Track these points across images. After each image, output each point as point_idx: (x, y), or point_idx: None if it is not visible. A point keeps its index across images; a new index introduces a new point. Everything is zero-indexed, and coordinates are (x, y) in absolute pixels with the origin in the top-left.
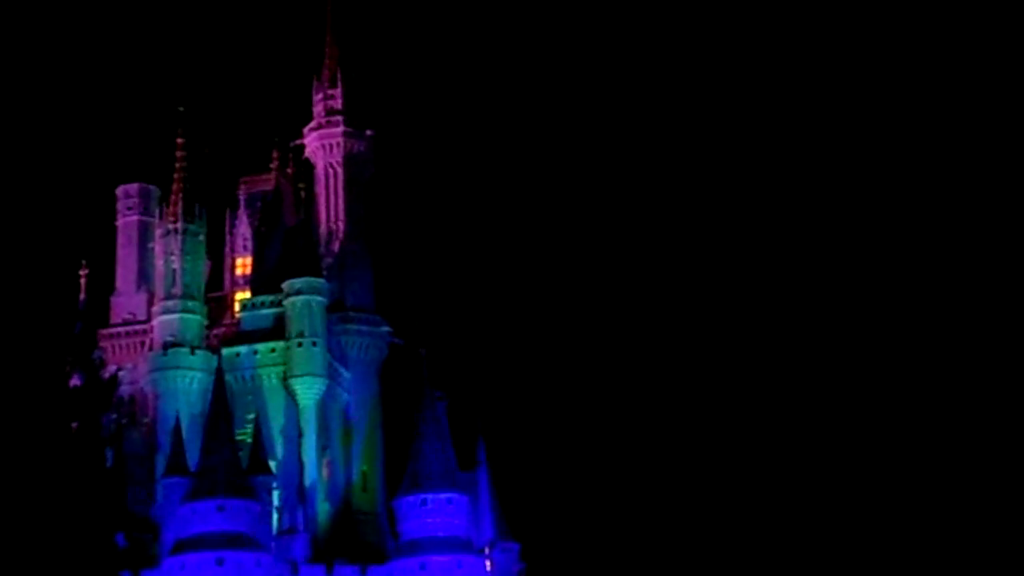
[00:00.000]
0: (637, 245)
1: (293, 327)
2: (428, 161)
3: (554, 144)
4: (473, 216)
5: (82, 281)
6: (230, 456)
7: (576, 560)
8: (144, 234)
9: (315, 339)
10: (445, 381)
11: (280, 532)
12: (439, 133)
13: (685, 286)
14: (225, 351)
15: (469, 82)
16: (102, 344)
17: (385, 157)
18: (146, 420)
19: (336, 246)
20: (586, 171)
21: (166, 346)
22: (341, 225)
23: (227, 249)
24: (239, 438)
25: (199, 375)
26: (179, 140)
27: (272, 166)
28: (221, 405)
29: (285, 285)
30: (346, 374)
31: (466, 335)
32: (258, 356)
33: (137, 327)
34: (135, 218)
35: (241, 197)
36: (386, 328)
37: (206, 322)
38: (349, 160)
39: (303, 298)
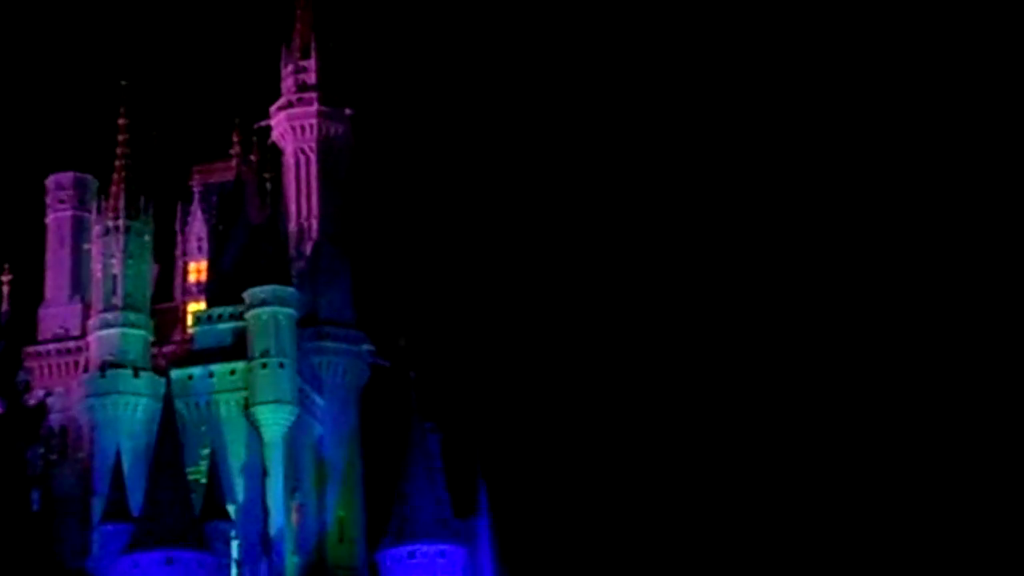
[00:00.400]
0: (640, 251)
1: (256, 345)
2: (418, 147)
3: (557, 128)
4: (471, 214)
5: (4, 289)
6: (180, 499)
7: None
8: (79, 233)
9: (283, 359)
10: (438, 410)
11: None
12: (431, 114)
13: (691, 300)
14: (175, 373)
15: (464, 55)
16: (28, 364)
17: (367, 142)
18: (80, 455)
19: (308, 248)
20: (587, 165)
21: (104, 367)
22: (314, 223)
23: (178, 251)
24: (191, 477)
25: (144, 402)
26: (121, 121)
27: (232, 152)
28: (170, 438)
29: (247, 294)
30: (320, 401)
31: (463, 355)
32: (214, 379)
33: (70, 344)
34: (68, 214)
35: (195, 189)
36: (368, 346)
37: (152, 338)
38: (324, 145)
39: (269, 310)
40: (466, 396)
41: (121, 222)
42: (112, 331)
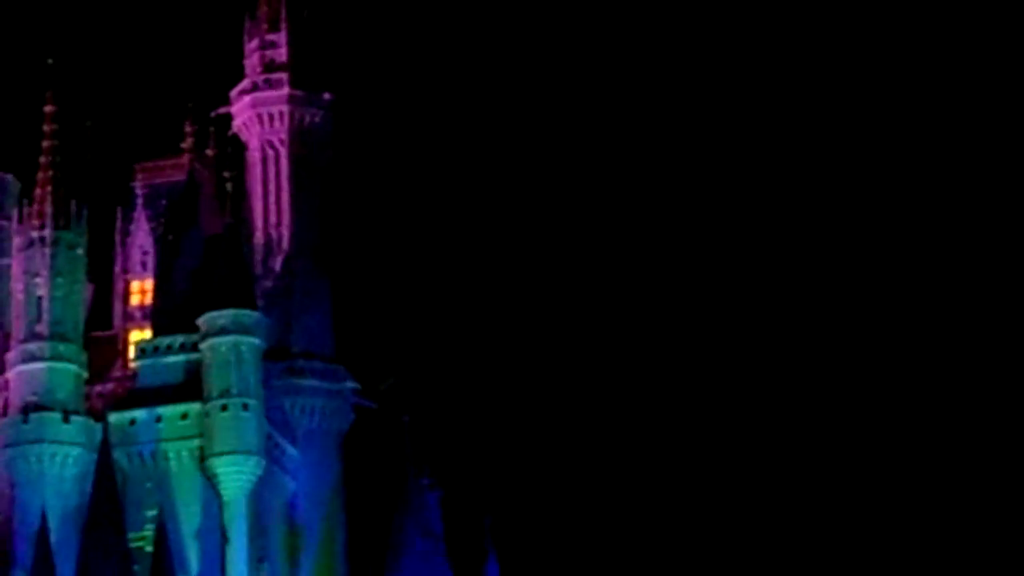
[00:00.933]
0: (647, 276)
1: (214, 382)
2: (412, 141)
3: (560, 125)
4: (474, 223)
5: None
6: (120, 569)
7: None
8: None
9: (246, 400)
10: (437, 462)
11: None
12: (427, 100)
13: (697, 333)
14: (113, 417)
15: (466, 25)
16: None
17: (351, 134)
18: None
19: (278, 263)
20: (589, 164)
21: (27, 409)
22: (285, 232)
23: (117, 268)
24: (133, 545)
25: (75, 452)
26: (48, 108)
27: (184, 146)
28: (107, 497)
29: (203, 321)
30: (292, 452)
31: (466, 395)
32: (162, 425)
33: None
34: None
35: (139, 192)
36: (351, 384)
37: (86, 375)
38: (298, 137)
39: (229, 339)
40: (471, 445)
41: (48, 232)
42: (36, 366)
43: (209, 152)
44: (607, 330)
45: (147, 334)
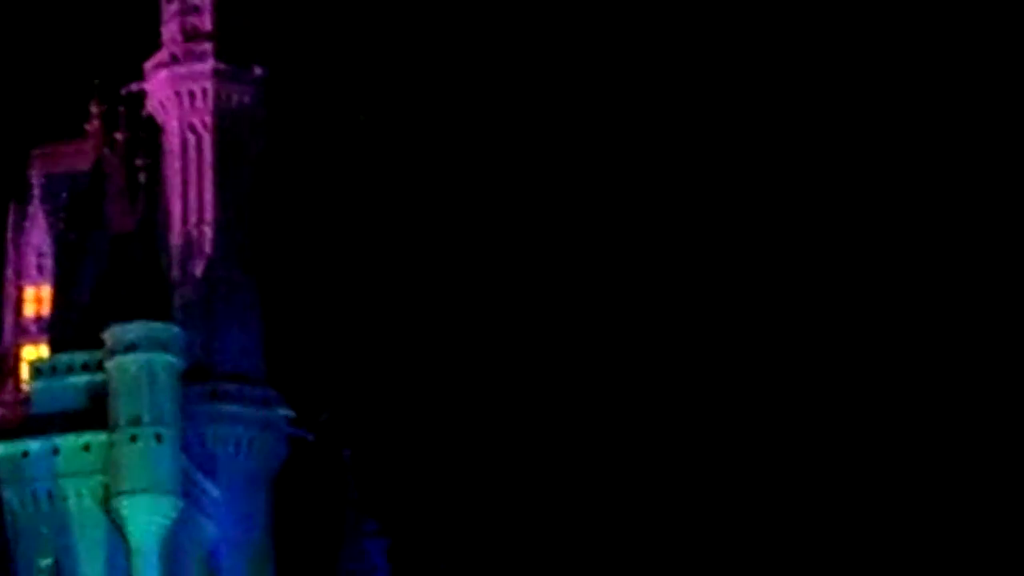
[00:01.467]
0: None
1: (122, 408)
2: (359, 124)
3: (533, 118)
4: (427, 220)
5: None
6: None
7: None
8: None
9: (160, 429)
10: (383, 504)
11: None
12: (377, 77)
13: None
14: (2, 449)
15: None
16: None
17: (286, 116)
18: None
19: (199, 268)
20: (563, 159)
21: None
22: (208, 231)
23: (8, 272)
24: None
25: None
26: None
27: (89, 129)
28: None
29: (109, 335)
30: (214, 491)
31: (416, 426)
32: (60, 458)
33: None
34: None
35: (35, 182)
36: (284, 412)
37: None
38: (224, 119)
39: (140, 357)
40: (422, 484)
41: None
42: None
43: (119, 136)
44: (561, 358)
45: (44, 351)
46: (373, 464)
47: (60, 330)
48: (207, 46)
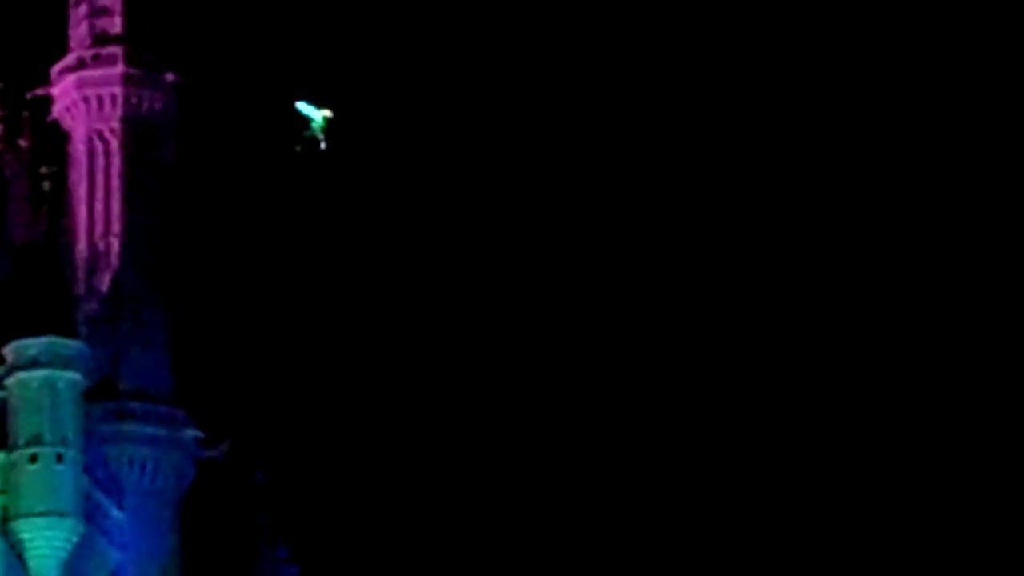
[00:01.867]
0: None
1: (21, 427)
2: (274, 133)
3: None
4: (348, 234)
5: None
6: None
7: None
8: None
9: (61, 450)
10: (296, 529)
11: None
12: (296, 80)
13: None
14: None
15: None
16: None
17: (198, 124)
18: None
19: (105, 281)
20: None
21: None
22: (115, 243)
23: None
24: None
25: None
26: None
27: None
28: None
29: (10, 350)
30: (118, 514)
31: (334, 446)
32: None
33: None
34: None
35: None
36: (192, 432)
37: None
38: (134, 126)
39: (42, 374)
40: (338, 509)
41: None
42: None
43: (22, 143)
44: (488, 376)
45: None
46: (286, 487)
47: None
48: (116, 50)
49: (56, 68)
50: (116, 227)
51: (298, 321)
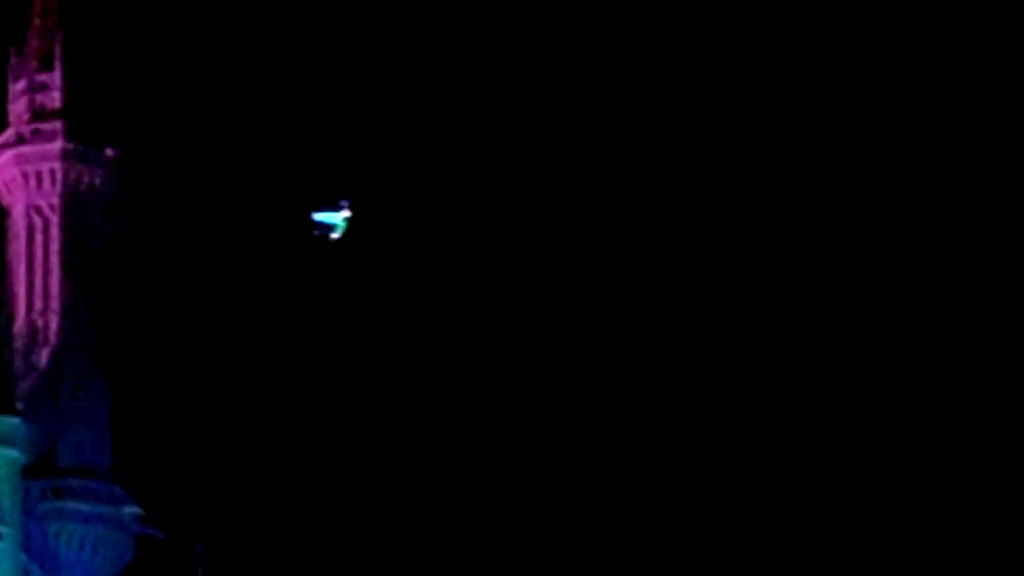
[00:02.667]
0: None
1: None
2: (214, 208)
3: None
4: (288, 308)
5: None
6: None
7: None
8: None
9: (0, 527)
10: None
11: None
12: (236, 156)
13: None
14: None
15: (286, 63)
16: None
17: (137, 200)
18: None
19: (43, 357)
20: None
21: None
22: (54, 320)
23: None
24: None
25: None
26: None
27: None
28: None
29: None
30: None
31: (273, 521)
32: None
33: None
34: None
35: None
36: (133, 509)
37: None
38: (73, 202)
39: None
40: None
41: None
42: None
43: None
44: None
45: None
46: (227, 560)
47: None
48: (56, 125)
49: None
50: (54, 304)
51: (237, 397)
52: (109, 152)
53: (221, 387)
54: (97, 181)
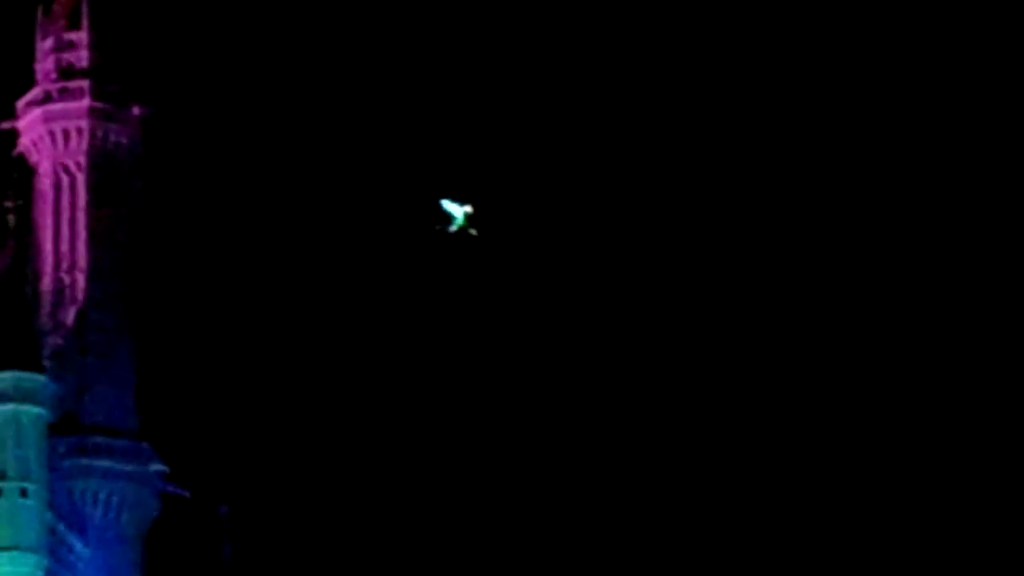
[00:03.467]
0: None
1: None
2: (245, 168)
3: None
4: (314, 269)
5: None
6: None
7: None
8: None
9: (25, 484)
10: (262, 564)
11: None
12: (263, 118)
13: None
14: None
15: (310, 25)
16: None
17: (164, 158)
18: None
19: (70, 316)
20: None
21: None
22: (81, 278)
23: None
24: None
25: None
26: None
27: None
28: None
29: None
30: (82, 549)
31: (298, 482)
32: None
33: None
34: None
35: None
36: (158, 467)
37: None
38: (100, 160)
39: (7, 409)
40: (303, 543)
41: None
42: None
43: None
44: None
45: None
46: (251, 521)
47: None
48: (83, 84)
49: (22, 102)
50: (81, 262)
51: (264, 358)
52: (136, 111)
53: (247, 346)
54: (124, 140)
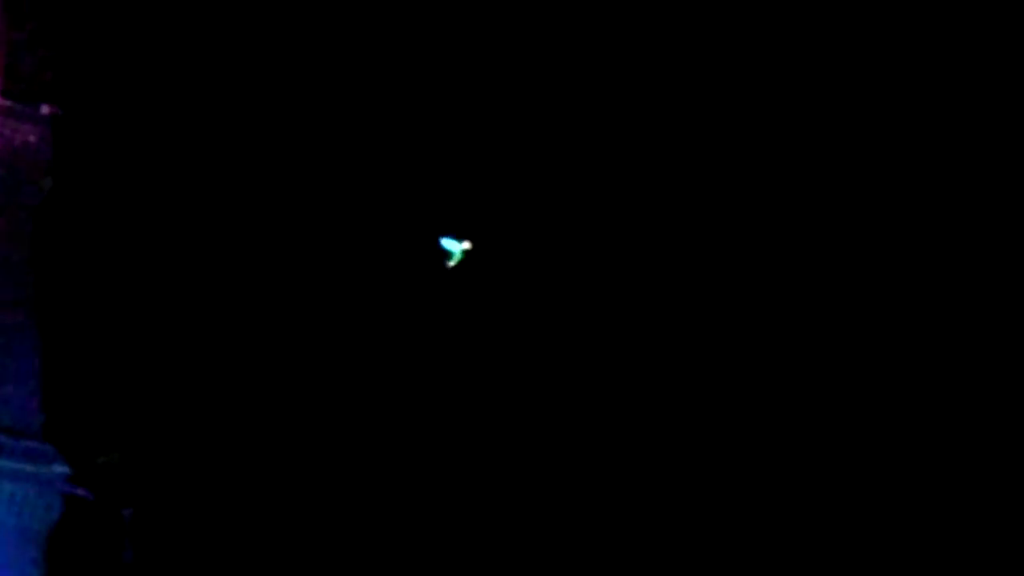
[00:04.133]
0: None
1: None
2: (154, 168)
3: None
4: (225, 271)
5: None
6: None
7: None
8: None
9: None
10: (164, 566)
11: None
12: (178, 116)
13: None
14: None
15: (225, 19)
16: None
17: (73, 158)
18: None
19: None
20: None
21: None
22: None
23: None
24: None
25: None
26: None
27: None
28: None
29: None
30: None
31: (204, 483)
32: None
33: None
34: None
35: None
36: (60, 468)
37: None
38: (7, 160)
39: None
40: (213, 548)
41: None
42: None
43: None
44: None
45: None
46: (157, 525)
47: None
48: None
49: None
50: None
51: (169, 358)
52: (44, 110)
53: (152, 348)
54: (31, 139)
